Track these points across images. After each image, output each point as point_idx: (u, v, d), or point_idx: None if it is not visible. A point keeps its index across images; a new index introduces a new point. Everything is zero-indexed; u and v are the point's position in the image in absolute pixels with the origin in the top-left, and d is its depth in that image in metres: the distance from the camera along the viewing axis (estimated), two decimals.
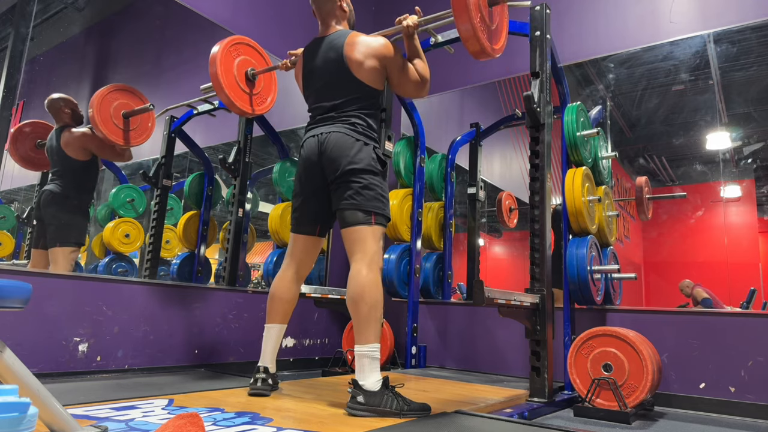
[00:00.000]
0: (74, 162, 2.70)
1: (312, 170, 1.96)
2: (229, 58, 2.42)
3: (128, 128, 2.78)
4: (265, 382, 1.96)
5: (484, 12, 1.88)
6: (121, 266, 3.08)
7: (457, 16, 1.77)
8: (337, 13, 2.11)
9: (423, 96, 2.07)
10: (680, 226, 3.33)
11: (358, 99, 1.96)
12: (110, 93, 2.71)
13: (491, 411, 1.95)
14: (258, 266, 3.85)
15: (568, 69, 3.42)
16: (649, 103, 3.40)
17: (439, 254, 3.68)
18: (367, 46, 1.96)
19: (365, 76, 1.95)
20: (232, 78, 2.42)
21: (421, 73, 2.00)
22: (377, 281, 1.81)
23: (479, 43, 1.82)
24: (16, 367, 1.05)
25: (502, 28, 2.05)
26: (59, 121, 2.75)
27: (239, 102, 2.44)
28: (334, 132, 1.91)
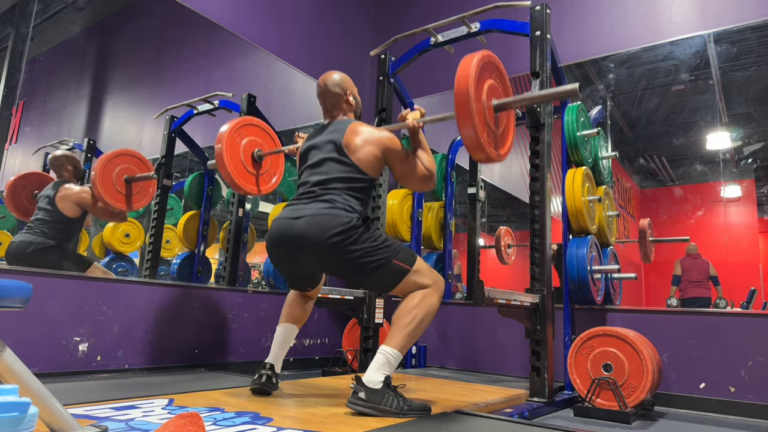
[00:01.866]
0: (62, 216, 2.66)
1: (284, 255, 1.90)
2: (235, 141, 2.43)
3: (130, 193, 2.77)
4: (270, 379, 1.97)
5: (489, 118, 1.75)
6: (122, 266, 3.08)
7: (461, 122, 1.65)
8: (343, 107, 2.08)
9: (430, 188, 2.04)
10: (680, 226, 3.33)
11: (348, 180, 1.86)
12: (113, 158, 2.70)
13: (491, 411, 1.95)
14: (258, 266, 3.85)
15: (569, 69, 3.42)
16: (649, 103, 3.40)
17: (439, 254, 3.68)
18: (369, 133, 1.92)
19: (361, 159, 1.88)
20: (237, 160, 2.43)
21: (427, 166, 1.96)
22: (432, 306, 1.82)
23: (483, 151, 1.70)
24: (16, 366, 1.05)
25: (509, 131, 1.93)
26: (60, 176, 2.76)
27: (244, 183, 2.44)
28: (307, 216, 1.79)
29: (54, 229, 2.60)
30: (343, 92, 2.07)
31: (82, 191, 2.73)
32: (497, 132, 1.81)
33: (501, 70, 1.86)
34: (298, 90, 4.03)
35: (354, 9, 4.53)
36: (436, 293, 1.84)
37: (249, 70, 3.75)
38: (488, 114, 1.74)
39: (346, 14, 4.45)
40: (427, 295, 1.81)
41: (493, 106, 1.77)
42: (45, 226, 2.61)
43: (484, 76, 1.73)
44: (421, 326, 1.79)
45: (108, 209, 2.75)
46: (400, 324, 1.77)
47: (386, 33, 4.23)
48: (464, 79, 1.63)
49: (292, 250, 1.84)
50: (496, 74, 1.83)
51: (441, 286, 1.87)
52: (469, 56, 1.69)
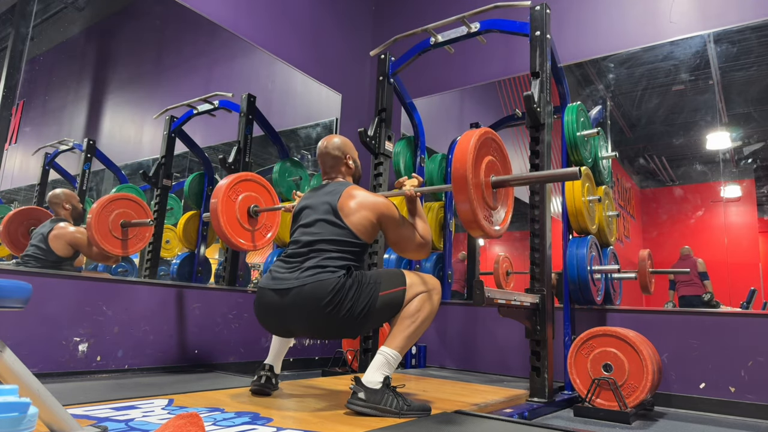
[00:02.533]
0: (53, 255, 2.62)
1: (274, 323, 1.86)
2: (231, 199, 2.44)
3: (126, 237, 2.72)
4: (269, 380, 1.97)
5: (487, 195, 1.73)
6: (121, 266, 3.08)
7: (457, 198, 1.64)
8: (342, 170, 2.07)
9: (424, 257, 2.04)
10: (680, 226, 3.33)
11: (339, 243, 1.82)
12: (109, 204, 2.65)
13: (491, 411, 1.95)
14: (258, 266, 3.85)
15: (568, 69, 3.42)
16: (649, 103, 3.40)
17: (439, 254, 3.68)
18: (365, 198, 1.91)
19: (355, 223, 1.85)
20: (233, 218, 2.44)
21: (422, 233, 1.95)
22: (433, 307, 1.82)
23: (481, 229, 1.67)
24: (16, 367, 1.05)
25: (507, 205, 1.92)
26: (57, 215, 2.74)
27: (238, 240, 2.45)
28: (295, 288, 1.74)
29: (43, 266, 2.56)
30: (343, 155, 2.06)
31: (77, 232, 2.69)
32: (495, 208, 1.81)
33: (500, 145, 1.87)
34: (298, 90, 4.03)
35: (354, 9, 4.53)
36: (435, 295, 1.85)
37: (249, 70, 3.75)
38: (486, 190, 1.74)
39: (346, 14, 4.45)
40: (428, 299, 1.82)
41: (491, 183, 1.77)
42: (35, 264, 2.58)
43: (483, 153, 1.73)
44: (422, 328, 1.79)
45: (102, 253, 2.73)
46: (401, 325, 1.77)
47: (386, 33, 4.24)
48: (463, 155, 1.64)
49: (283, 319, 1.81)
50: (495, 149, 1.83)
51: (438, 287, 1.88)
52: (469, 132, 1.70)
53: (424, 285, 1.84)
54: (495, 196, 1.80)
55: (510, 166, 1.92)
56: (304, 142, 4.15)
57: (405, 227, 1.94)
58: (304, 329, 1.84)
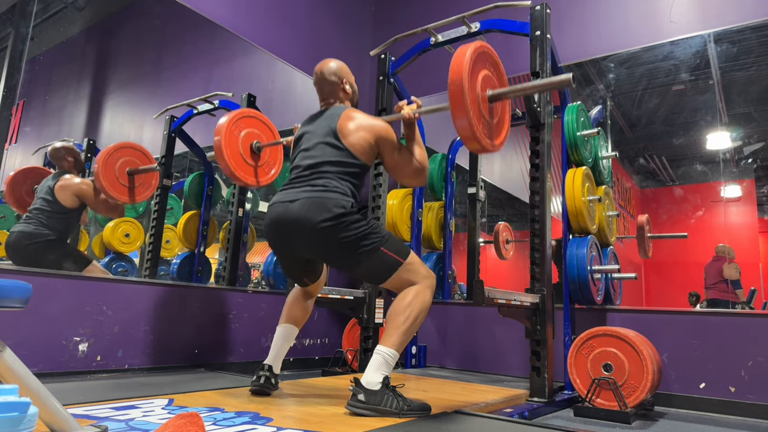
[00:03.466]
0: (60, 206, 2.66)
1: (281, 240, 1.90)
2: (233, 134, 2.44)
3: (133, 185, 2.77)
4: (268, 380, 1.97)
5: (483, 109, 1.75)
6: (121, 266, 3.08)
7: (455, 113, 1.65)
8: (339, 95, 2.08)
9: (421, 184, 2.04)
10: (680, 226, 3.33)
11: (339, 164, 1.86)
12: (116, 152, 2.70)
13: (491, 411, 1.95)
14: (258, 266, 3.84)
15: (569, 69, 3.42)
16: (649, 103, 3.40)
17: (439, 254, 3.68)
18: (363, 120, 1.93)
19: (353, 144, 1.88)
20: (236, 152, 2.43)
21: (419, 160, 1.95)
22: (425, 303, 1.81)
23: (478, 142, 1.70)
24: (16, 366, 1.05)
25: (504, 121, 1.93)
26: (60, 168, 2.76)
27: (243, 176, 2.45)
28: (301, 199, 1.79)
29: (52, 219, 2.60)
30: (340, 80, 2.07)
31: (83, 183, 2.73)
32: (492, 122, 1.81)
33: (496, 60, 1.87)
34: (298, 90, 4.02)
35: (354, 9, 4.53)
36: (428, 289, 1.83)
37: (249, 70, 3.75)
38: (483, 105, 1.74)
39: (346, 14, 4.45)
40: (420, 292, 1.81)
41: (487, 97, 1.77)
42: (43, 216, 2.61)
43: (478, 67, 1.73)
44: (416, 323, 1.78)
45: (108, 203, 2.75)
46: (395, 323, 1.76)
47: (386, 33, 4.24)
48: (458, 69, 1.64)
49: (287, 234, 1.84)
50: (491, 65, 1.83)
51: (433, 282, 1.86)
52: (464, 47, 1.70)
53: (422, 273, 1.84)
54: (492, 111, 1.81)
55: (505, 79, 1.91)
56: None
57: (402, 151, 1.95)
58: (306, 245, 1.84)
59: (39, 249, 2.58)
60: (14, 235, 2.61)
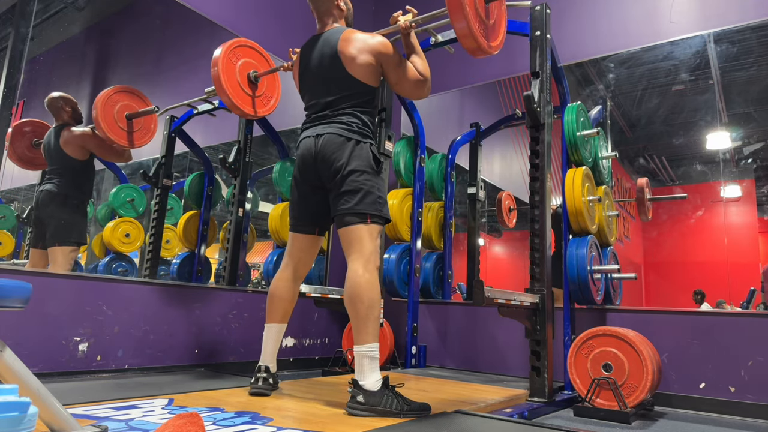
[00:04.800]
0: (73, 161, 2.70)
1: (308, 171, 1.95)
2: (231, 61, 2.43)
3: (132, 129, 2.78)
4: (266, 381, 1.96)
5: (480, 9, 1.83)
6: (121, 266, 3.08)
7: (452, 14, 1.73)
8: (334, 12, 2.09)
9: (424, 95, 2.02)
10: (680, 226, 3.33)
11: (352, 96, 1.92)
12: (113, 95, 2.71)
13: (491, 411, 1.95)
14: (258, 266, 3.85)
15: (569, 69, 3.42)
16: (649, 103, 3.40)
17: (439, 254, 3.68)
18: (362, 42, 1.93)
19: (358, 71, 1.91)
20: (234, 80, 2.42)
21: (421, 70, 1.95)
22: (374, 281, 1.79)
23: (475, 41, 1.79)
24: (16, 366, 1.05)
25: (500, 24, 2.00)
26: (59, 119, 2.74)
27: (241, 104, 2.44)
28: (328, 133, 1.88)
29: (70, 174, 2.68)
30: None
31: (84, 132, 2.75)
32: (488, 23, 1.89)
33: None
34: None
35: (354, 9, 4.52)
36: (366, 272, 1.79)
37: None
38: (479, 4, 1.83)
39: None
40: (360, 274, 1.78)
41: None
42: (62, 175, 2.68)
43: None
44: (374, 307, 1.77)
45: (113, 148, 2.78)
46: (356, 319, 1.76)
47: None
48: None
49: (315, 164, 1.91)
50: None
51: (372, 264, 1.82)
52: None
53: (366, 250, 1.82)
54: (488, 12, 1.89)
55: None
56: None
57: (403, 64, 1.96)
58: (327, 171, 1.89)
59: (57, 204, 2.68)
60: (42, 194, 2.68)
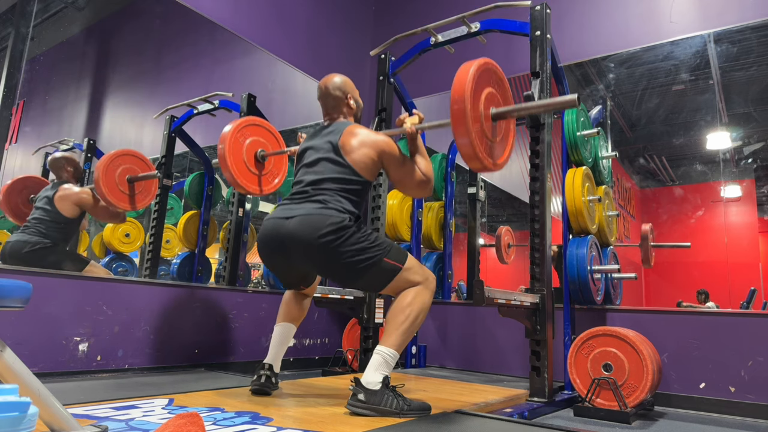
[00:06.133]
0: (60, 216, 2.65)
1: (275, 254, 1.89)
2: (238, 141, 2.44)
3: (133, 192, 2.77)
4: (269, 379, 1.97)
5: (486, 128, 1.70)
6: (122, 266, 3.08)
7: (456, 131, 1.61)
8: (343, 110, 2.07)
9: (427, 195, 2.01)
10: (680, 226, 3.33)
11: (341, 181, 1.85)
12: (116, 159, 2.70)
13: (491, 411, 1.95)
14: (258, 266, 3.85)
15: (569, 69, 3.42)
16: (649, 102, 3.40)
17: (439, 254, 3.68)
18: (366, 136, 1.91)
19: (356, 161, 1.87)
20: (240, 159, 2.43)
21: (424, 171, 1.94)
22: (425, 303, 1.80)
23: (480, 162, 1.66)
24: (16, 366, 1.05)
25: (507, 139, 1.89)
26: (59, 178, 2.76)
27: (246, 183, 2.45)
28: (298, 216, 1.78)
29: (51, 228, 2.59)
30: (344, 95, 2.06)
31: (82, 192, 2.73)
32: (495, 141, 1.77)
33: (501, 77, 1.83)
34: (298, 90, 4.03)
35: (354, 9, 4.53)
36: (427, 290, 1.83)
37: (249, 69, 3.75)
38: (485, 123, 1.70)
39: (346, 14, 4.45)
40: (420, 293, 1.80)
41: (491, 115, 1.73)
42: (42, 226, 2.60)
43: (482, 84, 1.69)
44: (416, 324, 1.78)
45: (109, 210, 2.75)
46: (394, 323, 1.76)
47: (386, 33, 4.23)
48: (461, 87, 1.60)
49: (283, 249, 1.83)
50: (496, 81, 1.79)
51: (432, 283, 1.86)
52: (468, 63, 1.66)
53: (421, 275, 1.84)
54: (495, 129, 1.76)
55: (511, 97, 1.87)
56: None
57: (406, 165, 1.93)
58: (300, 258, 1.83)
59: (37, 255, 2.57)
60: (10, 244, 2.60)
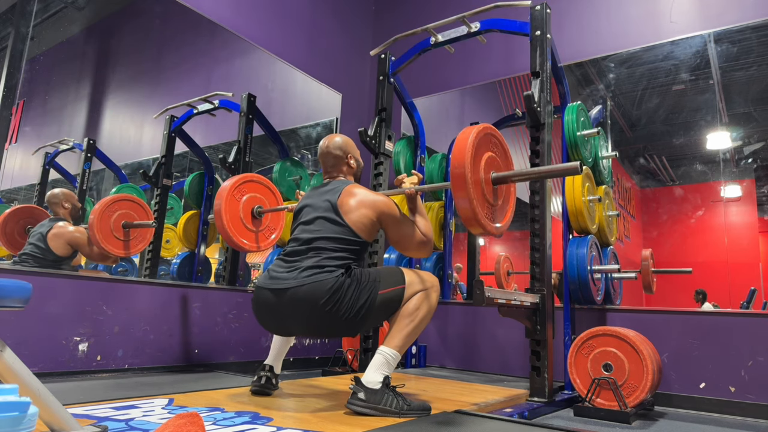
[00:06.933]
0: (51, 254, 2.62)
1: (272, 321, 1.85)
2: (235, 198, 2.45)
3: (128, 238, 2.74)
4: (269, 380, 1.98)
5: (487, 192, 1.70)
6: (122, 266, 3.08)
7: (457, 197, 1.60)
8: (343, 168, 2.05)
9: (427, 255, 2.01)
10: (680, 226, 3.33)
11: (338, 240, 1.81)
12: (112, 204, 2.67)
13: (491, 411, 1.95)
14: (258, 266, 3.85)
15: (569, 69, 3.42)
16: (649, 102, 3.40)
17: (439, 254, 3.68)
18: (365, 196, 1.90)
19: (355, 221, 1.84)
20: (236, 216, 2.44)
21: (424, 231, 1.93)
22: (431, 305, 1.81)
23: (481, 227, 1.65)
24: (16, 366, 1.05)
25: (508, 201, 1.89)
26: (56, 214, 2.74)
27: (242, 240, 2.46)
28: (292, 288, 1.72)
29: (41, 265, 2.55)
30: (344, 155, 2.05)
31: (76, 231, 2.69)
32: (496, 204, 1.77)
33: (501, 141, 1.84)
34: (298, 90, 4.02)
35: (354, 9, 4.53)
36: (434, 292, 1.84)
37: (249, 69, 3.75)
38: (486, 187, 1.70)
39: (346, 14, 4.45)
40: (426, 297, 1.81)
41: (491, 179, 1.73)
42: (33, 262, 2.57)
43: (482, 149, 1.70)
44: (421, 326, 1.79)
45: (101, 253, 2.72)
46: (399, 324, 1.76)
47: (386, 33, 4.24)
48: (461, 153, 1.60)
49: (281, 320, 1.81)
50: (496, 145, 1.80)
51: (437, 285, 1.87)
52: (468, 128, 1.67)
53: (422, 283, 1.84)
54: (496, 193, 1.77)
55: (511, 162, 1.88)
56: (305, 141, 4.15)
57: (406, 225, 1.92)
58: (302, 329, 1.84)
59: None
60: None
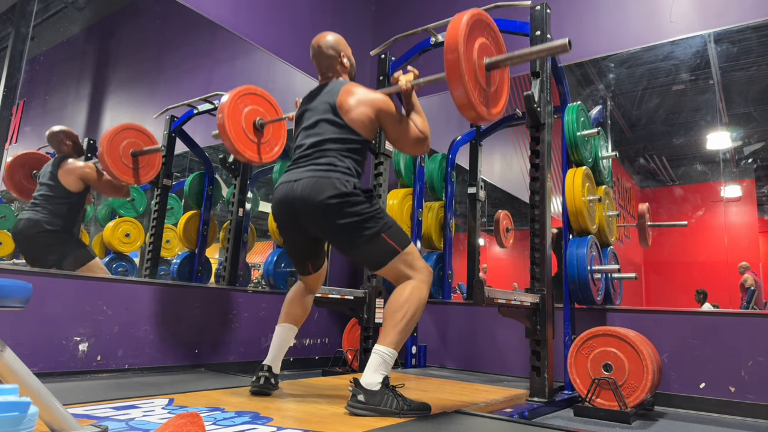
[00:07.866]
0: (65, 191, 2.67)
1: (287, 219, 1.91)
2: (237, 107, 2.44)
3: (137, 166, 2.80)
4: (268, 380, 1.97)
5: (480, 77, 1.72)
6: (122, 266, 3.08)
7: (451, 82, 1.63)
8: (337, 68, 2.08)
9: (424, 152, 2.03)
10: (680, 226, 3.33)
11: (342, 141, 1.87)
12: (120, 132, 2.72)
13: (491, 411, 1.95)
14: (258, 266, 3.85)
15: (569, 69, 3.42)
16: (649, 102, 3.40)
17: (439, 254, 3.68)
18: (363, 94, 1.93)
19: (354, 120, 1.89)
20: (239, 127, 2.43)
21: (421, 128, 1.95)
22: (422, 299, 1.80)
23: (474, 110, 1.68)
24: (16, 366, 1.05)
25: (502, 89, 1.91)
26: (59, 152, 2.76)
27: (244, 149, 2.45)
28: (305, 178, 1.82)
29: (57, 204, 2.61)
30: (337, 54, 2.07)
31: (86, 166, 2.74)
32: (489, 91, 1.79)
33: (493, 28, 1.85)
34: (298, 90, 4.02)
35: (354, 9, 4.53)
36: (424, 285, 1.83)
37: (249, 70, 3.75)
38: (479, 72, 1.72)
39: (346, 14, 4.45)
40: (416, 288, 1.80)
41: (484, 65, 1.75)
42: (48, 203, 2.62)
43: (475, 34, 1.71)
44: (413, 320, 1.78)
45: (113, 184, 2.76)
46: (392, 321, 1.76)
47: (386, 33, 4.23)
48: (454, 37, 1.62)
49: (293, 213, 1.86)
50: (489, 32, 1.81)
51: (429, 277, 1.86)
52: (460, 14, 1.68)
53: (419, 267, 1.83)
54: (489, 79, 1.79)
55: (504, 48, 1.88)
56: None
57: (403, 122, 1.95)
58: (308, 218, 1.84)
59: (47, 238, 2.60)
60: (23, 222, 2.62)
